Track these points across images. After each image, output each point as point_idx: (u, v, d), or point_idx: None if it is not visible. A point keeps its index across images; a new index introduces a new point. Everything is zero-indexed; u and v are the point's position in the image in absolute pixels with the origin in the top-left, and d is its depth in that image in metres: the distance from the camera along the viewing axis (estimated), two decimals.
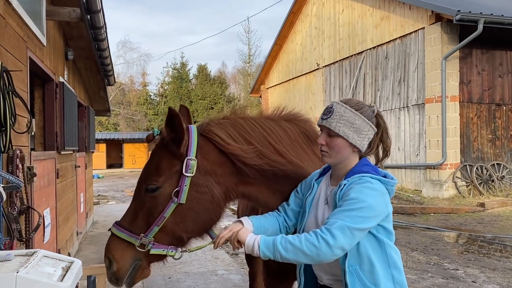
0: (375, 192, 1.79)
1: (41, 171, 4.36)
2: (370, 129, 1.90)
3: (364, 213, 1.73)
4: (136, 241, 2.01)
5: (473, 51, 12.32)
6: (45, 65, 4.83)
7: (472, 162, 12.33)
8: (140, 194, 2.07)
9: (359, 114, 1.88)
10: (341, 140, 1.88)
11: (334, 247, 1.69)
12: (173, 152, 2.02)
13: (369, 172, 1.86)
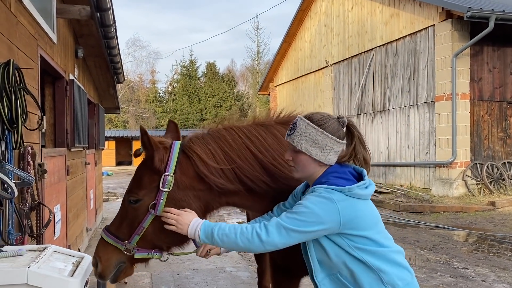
0: (321, 199, 1.80)
1: (51, 167, 4.40)
2: (335, 143, 1.91)
3: (303, 217, 1.78)
4: (122, 247, 2.14)
5: (484, 48, 12.19)
6: (56, 62, 4.87)
7: (483, 160, 12.22)
8: (125, 204, 2.21)
9: (321, 130, 1.90)
10: (304, 156, 1.92)
11: (266, 243, 1.80)
12: (152, 168, 2.13)
13: (327, 181, 1.87)
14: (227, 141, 2.17)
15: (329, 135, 1.90)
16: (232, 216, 10.69)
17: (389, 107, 14.57)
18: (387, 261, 1.87)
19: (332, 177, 1.89)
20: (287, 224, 1.78)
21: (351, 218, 1.81)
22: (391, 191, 13.12)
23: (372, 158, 11.33)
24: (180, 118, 45.86)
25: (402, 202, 11.50)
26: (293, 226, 1.78)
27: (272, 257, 2.58)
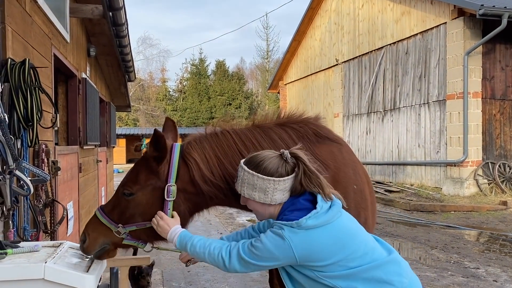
0: (275, 237, 1.80)
1: (64, 165, 4.46)
2: (277, 183, 1.87)
3: (258, 252, 1.82)
4: (114, 228, 2.20)
5: (496, 46, 12.05)
6: (69, 61, 4.93)
7: (495, 159, 12.10)
8: (119, 193, 2.27)
9: (256, 174, 1.88)
10: (251, 202, 1.96)
11: (228, 268, 1.89)
12: (151, 168, 2.20)
13: (282, 218, 1.87)
14: (222, 146, 2.22)
15: (265, 177, 1.87)
16: (241, 215, 10.72)
17: (400, 106, 14.48)
18: (363, 279, 1.79)
19: (287, 211, 1.87)
20: (245, 256, 1.84)
21: (308, 252, 1.77)
22: (401, 190, 13.05)
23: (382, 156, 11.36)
24: (189, 116, 46.02)
25: (412, 201, 11.44)
26: (250, 259, 1.84)
27: None
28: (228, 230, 8.60)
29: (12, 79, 2.61)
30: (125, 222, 2.22)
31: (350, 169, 2.33)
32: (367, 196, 2.37)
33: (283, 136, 2.24)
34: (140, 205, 2.21)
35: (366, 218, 2.29)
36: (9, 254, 1.86)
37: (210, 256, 1.92)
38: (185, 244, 2.00)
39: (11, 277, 1.69)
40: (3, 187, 2.28)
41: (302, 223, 1.77)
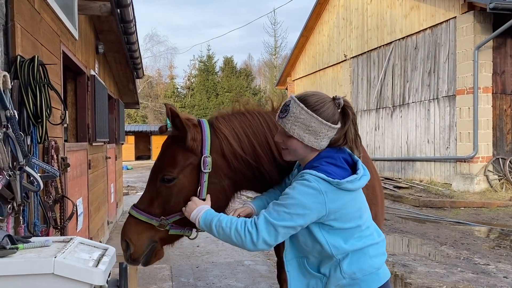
0: (310, 190, 1.73)
1: (74, 161, 4.49)
2: (330, 129, 1.83)
3: (292, 210, 1.73)
4: (156, 223, 2.12)
5: (507, 40, 11.90)
6: (77, 58, 4.96)
7: (505, 155, 11.97)
8: (155, 183, 2.17)
9: (315, 116, 1.80)
10: (296, 142, 1.85)
11: (257, 243, 1.77)
12: (184, 147, 2.12)
13: (318, 167, 1.79)
14: (250, 126, 2.18)
15: (324, 121, 1.80)
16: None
17: (409, 101, 14.38)
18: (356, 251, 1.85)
19: (325, 162, 1.82)
20: (274, 220, 1.74)
21: (335, 211, 1.77)
22: (410, 186, 12.98)
23: (391, 152, 11.32)
24: (197, 113, 46.10)
25: (421, 197, 11.37)
26: (280, 221, 1.74)
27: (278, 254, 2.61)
28: None
29: (22, 76, 2.63)
30: (168, 213, 2.13)
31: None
32: (377, 192, 2.41)
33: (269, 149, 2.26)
34: (183, 188, 2.12)
35: (376, 214, 2.31)
36: (20, 249, 1.88)
37: (236, 233, 1.79)
38: (210, 221, 1.89)
39: (21, 272, 1.71)
40: (13, 183, 2.30)
41: (342, 184, 1.75)
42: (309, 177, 1.76)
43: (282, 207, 1.75)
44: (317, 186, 1.73)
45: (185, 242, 7.15)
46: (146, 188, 2.23)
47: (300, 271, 1.92)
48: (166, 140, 2.22)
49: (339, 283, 1.85)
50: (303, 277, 1.92)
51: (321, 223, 1.80)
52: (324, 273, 1.87)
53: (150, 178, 2.22)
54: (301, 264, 1.92)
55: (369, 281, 1.85)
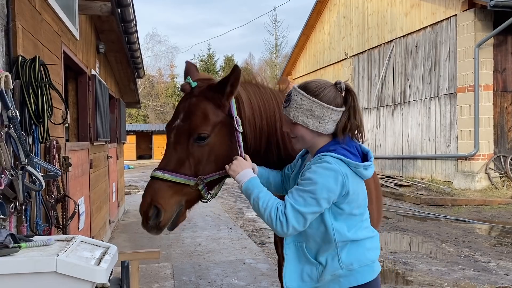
0: (331, 172, 1.76)
1: (75, 161, 4.51)
2: (333, 112, 1.86)
3: (318, 195, 1.75)
4: (193, 182, 2.04)
5: (508, 38, 11.89)
6: (78, 58, 4.97)
7: (506, 153, 11.97)
8: (185, 144, 2.07)
9: (316, 100, 1.85)
10: (301, 128, 1.89)
11: (287, 231, 1.78)
12: (219, 104, 2.09)
13: (335, 150, 1.83)
14: (262, 98, 2.22)
15: (325, 105, 1.84)
16: (250, 210, 10.76)
17: (410, 99, 14.37)
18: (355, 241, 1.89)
19: (340, 147, 1.85)
20: (302, 208, 1.76)
21: (351, 193, 1.81)
22: (411, 184, 12.99)
23: (392, 150, 11.32)
24: None
25: (422, 195, 11.38)
26: (309, 208, 1.76)
27: (278, 250, 2.63)
28: (237, 224, 8.63)
29: (23, 76, 2.65)
30: (202, 173, 2.06)
31: None
32: (372, 189, 2.41)
33: None
34: (215, 147, 2.08)
35: (370, 212, 2.31)
36: (22, 248, 1.89)
37: (269, 216, 1.80)
38: (250, 194, 1.89)
39: (24, 270, 1.73)
40: (15, 182, 2.31)
41: (360, 167, 1.82)
42: (328, 158, 1.79)
43: (308, 193, 1.76)
44: (338, 168, 1.77)
45: (186, 241, 7.18)
46: (170, 151, 2.11)
47: (297, 256, 1.94)
48: (189, 100, 2.13)
49: (335, 272, 1.86)
50: (298, 262, 1.93)
51: (332, 205, 1.83)
52: (321, 262, 1.89)
53: (176, 140, 2.10)
54: (299, 249, 1.93)
55: (364, 273, 1.88)
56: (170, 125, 2.15)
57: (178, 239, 7.37)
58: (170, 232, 7.86)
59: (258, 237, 7.64)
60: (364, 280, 1.88)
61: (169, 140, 2.13)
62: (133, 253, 2.96)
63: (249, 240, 7.24)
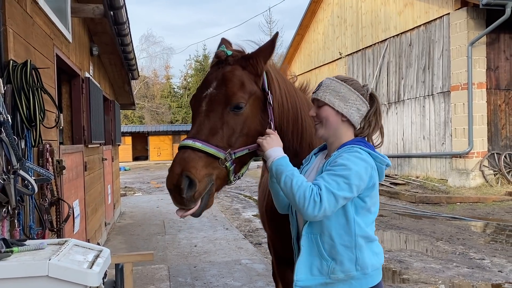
0: (363, 162, 1.81)
1: (69, 164, 4.51)
2: (358, 98, 1.94)
3: (351, 181, 1.76)
4: (223, 156, 1.89)
5: (500, 36, 11.96)
6: (71, 61, 4.97)
7: (500, 150, 12.04)
8: (220, 112, 1.95)
9: (344, 84, 1.95)
10: (327, 108, 1.94)
11: (319, 213, 1.74)
12: (256, 74, 2.07)
13: (361, 145, 1.89)
14: (286, 85, 2.26)
15: (352, 89, 1.95)
16: (247, 210, 10.78)
17: (404, 98, 14.43)
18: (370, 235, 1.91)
19: (364, 144, 1.91)
20: (337, 191, 1.75)
21: (374, 187, 1.88)
22: (406, 182, 13.04)
23: (387, 149, 11.35)
24: None
25: (418, 193, 11.43)
26: (342, 192, 1.75)
27: (274, 248, 2.63)
28: (234, 225, 8.65)
29: (15, 81, 2.65)
30: (234, 146, 1.95)
31: None
32: None
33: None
34: (248, 119, 2.00)
35: None
36: (15, 252, 1.90)
37: (301, 197, 1.75)
38: (282, 171, 1.83)
39: (16, 275, 1.74)
40: (7, 187, 2.32)
41: (384, 163, 1.90)
42: (358, 149, 1.85)
43: (341, 178, 1.77)
44: (368, 159, 1.84)
45: (182, 242, 7.18)
46: (201, 120, 1.96)
47: (310, 248, 1.91)
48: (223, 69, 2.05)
49: (350, 273, 1.86)
50: (310, 255, 1.91)
51: (356, 197, 1.85)
52: (335, 258, 1.87)
53: (209, 108, 1.97)
54: (312, 241, 1.91)
55: (374, 277, 1.92)
56: (199, 95, 2.04)
57: (174, 240, 7.37)
58: (166, 234, 7.87)
59: (254, 237, 7.66)
60: (373, 283, 1.91)
61: (199, 109, 1.99)
62: (126, 256, 2.97)
63: (245, 240, 7.26)
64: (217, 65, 2.08)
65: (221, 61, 2.07)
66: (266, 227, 2.72)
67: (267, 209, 2.57)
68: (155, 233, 7.97)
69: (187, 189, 1.78)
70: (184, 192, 1.78)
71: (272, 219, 2.52)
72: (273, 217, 2.48)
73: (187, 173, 1.79)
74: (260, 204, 2.89)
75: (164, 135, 37.79)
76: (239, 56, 2.08)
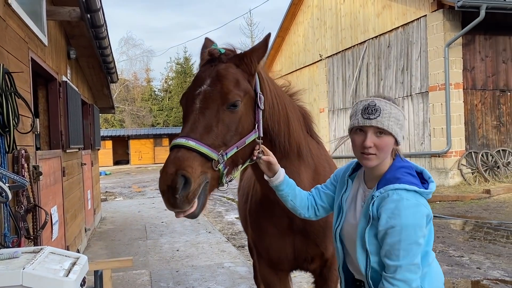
0: (414, 208, 1.65)
1: (47, 169, 4.43)
2: (404, 122, 1.85)
3: (416, 238, 1.63)
4: (216, 156, 1.82)
5: (476, 37, 12.23)
6: (48, 64, 4.88)
7: (477, 149, 12.29)
8: (215, 109, 1.89)
9: (399, 108, 1.81)
10: (390, 139, 1.78)
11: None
12: (250, 73, 2.03)
13: (401, 178, 1.73)
14: (276, 88, 2.24)
15: (403, 114, 1.83)
16: (230, 213, 10.74)
17: None
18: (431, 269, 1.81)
19: (404, 172, 1.76)
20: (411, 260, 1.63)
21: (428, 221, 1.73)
22: None
23: None
24: (176, 116, 45.78)
25: None
26: (416, 258, 1.64)
27: (257, 250, 2.61)
28: (217, 228, 8.61)
29: None
30: (230, 145, 1.89)
31: (326, 164, 2.52)
32: None
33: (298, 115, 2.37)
34: (241, 117, 1.95)
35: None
36: None
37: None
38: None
39: None
40: None
41: (430, 194, 1.74)
42: (404, 194, 1.67)
43: (408, 244, 1.62)
44: (417, 202, 1.67)
45: (164, 247, 7.11)
46: (194, 117, 1.87)
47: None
48: (217, 66, 1.99)
49: None
50: None
51: None
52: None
53: (204, 105, 1.89)
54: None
55: None
56: (192, 93, 1.96)
57: (156, 245, 7.30)
58: (148, 239, 7.79)
59: (237, 240, 7.64)
60: None
61: (192, 106, 1.91)
62: (105, 262, 2.92)
63: (228, 243, 7.23)
64: (210, 63, 2.02)
65: (214, 59, 2.02)
66: (249, 230, 2.71)
67: (251, 213, 2.56)
68: (137, 238, 7.88)
69: (181, 189, 1.69)
70: (178, 191, 1.68)
71: (256, 221, 2.52)
72: (257, 219, 2.48)
73: (183, 172, 1.70)
74: (242, 207, 2.88)
75: (145, 139, 37.42)
76: (232, 55, 2.05)
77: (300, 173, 2.31)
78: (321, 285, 2.62)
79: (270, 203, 2.34)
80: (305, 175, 2.34)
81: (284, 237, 2.40)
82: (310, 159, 2.37)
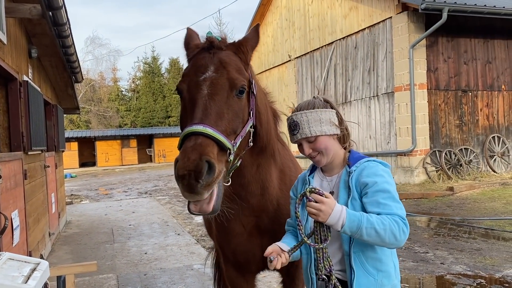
0: (388, 173, 1.96)
1: (6, 172, 4.26)
2: (331, 113, 1.98)
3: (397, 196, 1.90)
4: (230, 146, 1.79)
5: (439, 39, 12.60)
6: (7, 64, 4.70)
7: (441, 147, 12.66)
8: (225, 96, 1.86)
9: (315, 110, 1.96)
10: (322, 138, 1.95)
11: (405, 240, 1.79)
12: (246, 61, 2.07)
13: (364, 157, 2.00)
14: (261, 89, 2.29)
15: (323, 110, 1.96)
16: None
17: (351, 99, 14.85)
18: None
19: (362, 156, 2.00)
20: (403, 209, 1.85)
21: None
22: None
23: None
24: (144, 116, 45.11)
25: None
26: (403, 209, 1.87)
27: (224, 252, 2.58)
28: (186, 230, 8.52)
29: None
30: (237, 133, 1.88)
31: (291, 164, 2.56)
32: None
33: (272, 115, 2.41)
34: (245, 105, 1.97)
35: None
36: None
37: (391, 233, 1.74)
38: (359, 224, 1.73)
39: None
40: None
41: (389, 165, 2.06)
42: (380, 165, 1.95)
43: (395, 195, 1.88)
44: (386, 168, 1.97)
45: (132, 250, 6.98)
46: (204, 103, 1.81)
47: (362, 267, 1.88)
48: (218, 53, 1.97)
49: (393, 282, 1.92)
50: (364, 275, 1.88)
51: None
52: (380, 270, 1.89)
53: (214, 91, 1.84)
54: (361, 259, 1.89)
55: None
56: (195, 79, 1.90)
57: (123, 248, 7.15)
58: (115, 242, 7.63)
59: (207, 241, 7.57)
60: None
61: (200, 92, 1.84)
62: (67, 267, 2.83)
63: (197, 245, 7.17)
64: (207, 50, 1.99)
65: (211, 47, 1.99)
66: (213, 232, 2.67)
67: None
68: (104, 242, 7.70)
69: (206, 174, 1.61)
70: (203, 176, 1.60)
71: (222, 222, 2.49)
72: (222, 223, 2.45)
73: (207, 158, 1.63)
74: None
75: (112, 140, 36.67)
76: (229, 43, 2.07)
77: (272, 172, 2.32)
78: (288, 284, 2.63)
79: (237, 202, 2.32)
80: (275, 175, 2.36)
81: (251, 238, 2.38)
82: (278, 158, 2.40)
